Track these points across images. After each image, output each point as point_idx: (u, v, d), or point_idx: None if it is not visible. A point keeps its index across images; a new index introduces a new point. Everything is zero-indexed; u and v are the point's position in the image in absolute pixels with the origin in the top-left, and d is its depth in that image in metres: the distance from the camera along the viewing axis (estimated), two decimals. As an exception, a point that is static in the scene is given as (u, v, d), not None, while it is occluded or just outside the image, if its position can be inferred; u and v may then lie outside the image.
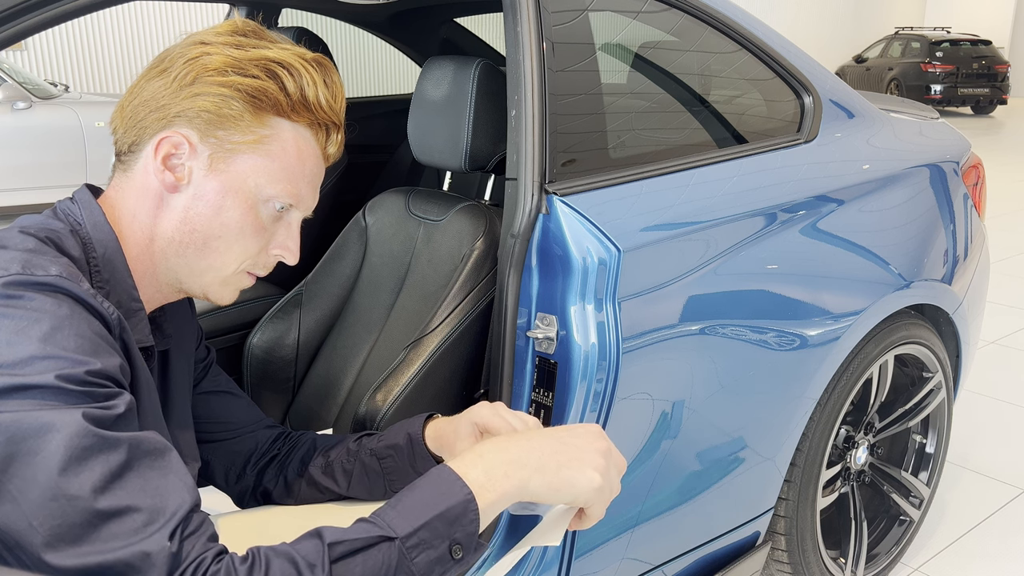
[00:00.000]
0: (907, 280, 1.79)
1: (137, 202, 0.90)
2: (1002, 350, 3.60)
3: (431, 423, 1.13)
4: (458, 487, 0.82)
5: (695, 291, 1.42)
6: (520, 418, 1.05)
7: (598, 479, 0.89)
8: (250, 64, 0.88)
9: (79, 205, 0.90)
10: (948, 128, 2.21)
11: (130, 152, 0.90)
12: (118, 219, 0.91)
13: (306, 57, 0.92)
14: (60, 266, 0.77)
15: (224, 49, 0.88)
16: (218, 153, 0.88)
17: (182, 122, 0.88)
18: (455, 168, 1.52)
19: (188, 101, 0.87)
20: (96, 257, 0.87)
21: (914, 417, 2.01)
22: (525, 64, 1.31)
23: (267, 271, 0.97)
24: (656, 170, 1.48)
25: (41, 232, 0.83)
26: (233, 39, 0.90)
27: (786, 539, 1.75)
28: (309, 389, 1.72)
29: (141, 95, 0.89)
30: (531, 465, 0.87)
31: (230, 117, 0.88)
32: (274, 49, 0.90)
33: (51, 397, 0.70)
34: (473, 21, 2.38)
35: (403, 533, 0.78)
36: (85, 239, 0.87)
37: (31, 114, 5.60)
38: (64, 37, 8.81)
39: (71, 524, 0.68)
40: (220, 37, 0.90)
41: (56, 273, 0.76)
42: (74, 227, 0.88)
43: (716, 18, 1.65)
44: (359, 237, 1.74)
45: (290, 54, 0.90)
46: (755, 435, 1.59)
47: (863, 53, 15.34)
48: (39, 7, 1.02)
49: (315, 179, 0.96)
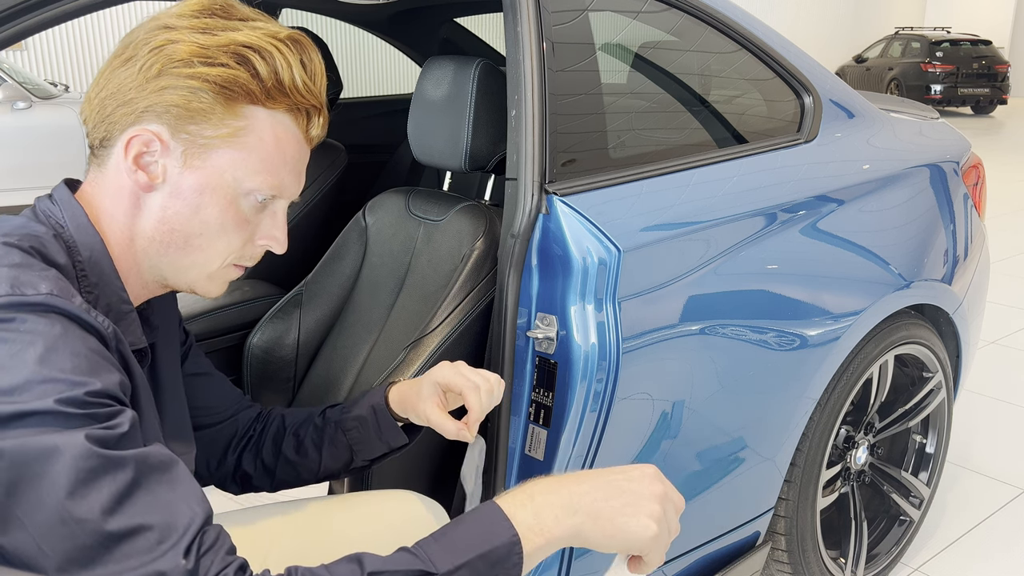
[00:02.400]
0: (907, 280, 1.79)
1: (113, 202, 0.86)
2: (1002, 350, 3.60)
3: (393, 388, 1.14)
4: (504, 528, 0.79)
5: (695, 291, 1.42)
6: (482, 375, 1.05)
7: (654, 527, 0.82)
8: (218, 51, 0.82)
9: (60, 205, 0.85)
10: (948, 128, 2.21)
11: (102, 147, 0.86)
12: (98, 218, 0.86)
13: (279, 36, 0.85)
14: (50, 282, 0.74)
15: (190, 35, 0.82)
16: (192, 149, 0.84)
17: (151, 117, 0.83)
18: (455, 168, 1.52)
19: (155, 95, 0.82)
20: (82, 261, 0.83)
21: (914, 417, 2.00)
22: (525, 64, 1.31)
23: (255, 261, 0.94)
24: (656, 170, 1.48)
25: (25, 241, 0.78)
26: (200, 21, 0.83)
27: (786, 539, 1.75)
28: (309, 389, 1.72)
29: (108, 86, 0.84)
30: (583, 511, 0.81)
31: (201, 111, 0.82)
32: (244, 31, 0.83)
33: (52, 422, 0.68)
34: (473, 21, 2.38)
35: (443, 570, 0.76)
36: (69, 242, 0.83)
37: (31, 114, 5.60)
38: (64, 37, 8.80)
39: (82, 547, 0.67)
40: (185, 20, 0.83)
41: (47, 291, 0.73)
42: (56, 230, 0.83)
43: (716, 18, 1.65)
44: (359, 237, 1.74)
45: (261, 35, 0.84)
46: (755, 435, 1.59)
47: (863, 53, 15.34)
48: (39, 7, 1.02)
49: (298, 165, 0.91)
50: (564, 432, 1.29)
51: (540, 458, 1.32)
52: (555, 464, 1.30)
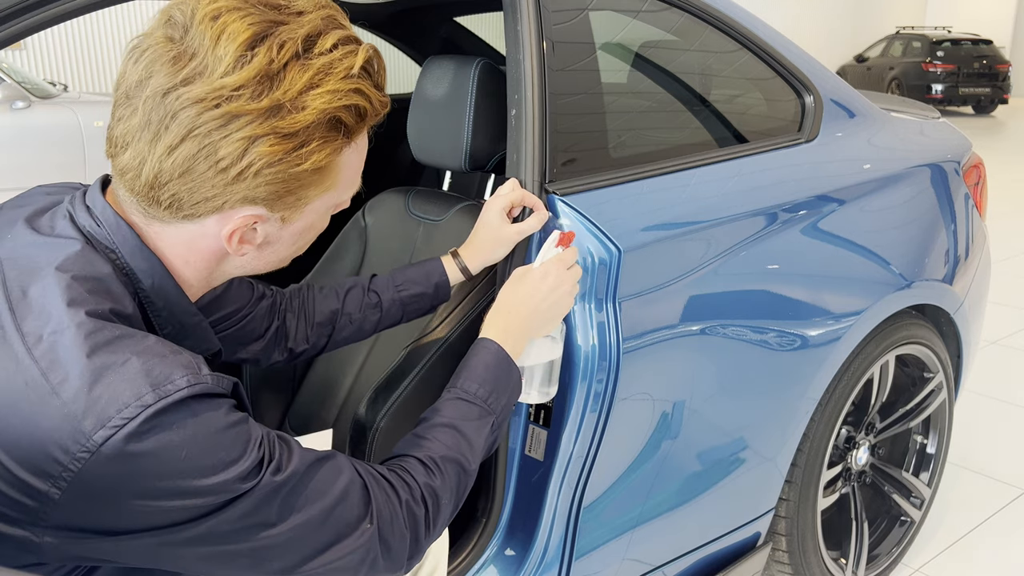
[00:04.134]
0: (908, 280, 1.79)
1: (190, 252, 0.82)
2: (1002, 350, 3.59)
3: (453, 261, 1.31)
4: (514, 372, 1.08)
5: (695, 291, 1.42)
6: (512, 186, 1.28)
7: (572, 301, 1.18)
8: (305, 133, 0.75)
9: (105, 227, 0.79)
10: (949, 128, 2.21)
11: (164, 210, 0.78)
12: (160, 252, 0.81)
13: (354, 71, 0.77)
14: (180, 367, 0.71)
15: (266, 123, 0.73)
16: (290, 212, 0.81)
17: (243, 204, 0.77)
18: (455, 168, 1.52)
19: (249, 191, 0.76)
20: (144, 290, 0.81)
21: (915, 417, 2.00)
22: (525, 63, 1.31)
23: None
24: (656, 170, 1.47)
25: (102, 301, 0.74)
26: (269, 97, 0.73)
27: (787, 540, 1.75)
28: (309, 389, 1.72)
29: (164, 163, 0.74)
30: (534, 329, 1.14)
31: (299, 187, 0.79)
32: (320, 88, 0.74)
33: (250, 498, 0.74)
34: (473, 21, 2.38)
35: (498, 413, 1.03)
36: (126, 270, 0.80)
37: (30, 114, 5.59)
38: (64, 37, 8.81)
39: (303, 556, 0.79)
40: (247, 99, 0.72)
41: (186, 384, 0.70)
42: (110, 258, 0.79)
43: (716, 17, 1.65)
44: (359, 237, 1.73)
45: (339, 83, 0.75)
46: (756, 435, 1.58)
47: (864, 52, 15.34)
48: (39, 7, 1.01)
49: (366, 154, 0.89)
50: (564, 432, 1.29)
51: (540, 458, 1.31)
52: (555, 464, 1.30)
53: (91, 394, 0.67)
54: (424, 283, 1.30)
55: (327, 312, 1.27)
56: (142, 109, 0.74)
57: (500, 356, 1.05)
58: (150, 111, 0.74)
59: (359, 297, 1.29)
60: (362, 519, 0.82)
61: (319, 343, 1.28)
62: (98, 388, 0.67)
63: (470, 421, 0.98)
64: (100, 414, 0.67)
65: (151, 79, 0.74)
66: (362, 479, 0.84)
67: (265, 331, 1.22)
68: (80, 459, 0.66)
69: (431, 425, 0.97)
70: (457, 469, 0.94)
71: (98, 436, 0.66)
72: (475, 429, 0.98)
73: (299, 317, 1.26)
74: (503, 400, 1.03)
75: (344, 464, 0.84)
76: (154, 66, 0.74)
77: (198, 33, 0.73)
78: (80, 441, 0.66)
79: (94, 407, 0.67)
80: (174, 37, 0.74)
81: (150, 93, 0.74)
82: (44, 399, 0.67)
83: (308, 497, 0.78)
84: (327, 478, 0.81)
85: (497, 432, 1.03)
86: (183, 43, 0.74)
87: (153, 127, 0.74)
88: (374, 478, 0.86)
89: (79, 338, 0.69)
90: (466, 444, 0.96)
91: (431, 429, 0.96)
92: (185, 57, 0.73)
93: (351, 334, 1.29)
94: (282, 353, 1.25)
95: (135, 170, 0.76)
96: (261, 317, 1.21)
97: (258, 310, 1.21)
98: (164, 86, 0.73)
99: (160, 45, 0.74)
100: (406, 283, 1.30)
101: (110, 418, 0.67)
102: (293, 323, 1.25)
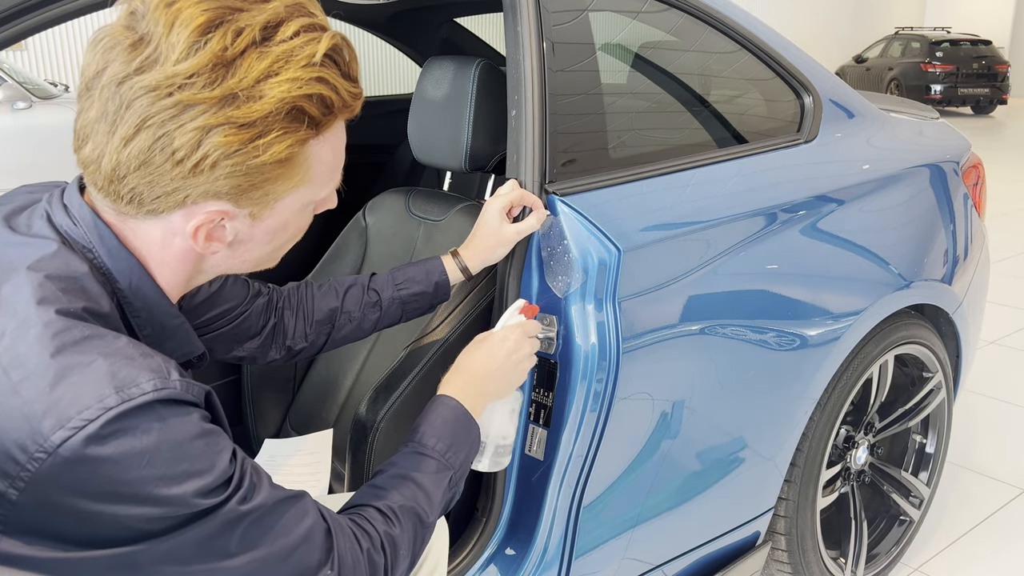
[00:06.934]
0: (907, 280, 1.79)
1: (164, 251, 0.79)
2: (1002, 350, 3.60)
3: (453, 260, 1.31)
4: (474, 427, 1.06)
5: (695, 291, 1.42)
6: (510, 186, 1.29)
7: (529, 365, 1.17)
8: (264, 123, 0.72)
9: (82, 226, 0.78)
10: (948, 128, 2.21)
11: (128, 205, 0.76)
12: (138, 252, 0.79)
13: (316, 59, 0.73)
14: (148, 371, 0.69)
15: (220, 112, 0.70)
16: (259, 208, 0.79)
17: (207, 198, 0.75)
18: (455, 168, 1.52)
19: (209, 184, 0.74)
20: (123, 290, 0.78)
21: (914, 417, 2.00)
22: (525, 64, 1.31)
23: None
24: (656, 170, 1.48)
25: (74, 299, 0.72)
26: (221, 86, 0.70)
27: (786, 539, 1.75)
28: (309, 389, 1.72)
29: (120, 155, 0.72)
30: (490, 393, 1.13)
31: (264, 180, 0.76)
32: (279, 76, 0.72)
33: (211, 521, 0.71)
34: (473, 21, 2.38)
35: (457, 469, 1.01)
36: (103, 270, 0.77)
37: (31, 114, 5.60)
38: (64, 37, 8.81)
39: None
40: (200, 88, 0.70)
41: (152, 388, 0.68)
42: (87, 257, 0.77)
43: (716, 18, 1.65)
44: (359, 237, 1.74)
45: (300, 71, 0.72)
46: (755, 435, 1.59)
47: (863, 53, 15.34)
48: (39, 7, 1.02)
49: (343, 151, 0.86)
50: (564, 432, 1.29)
51: (540, 458, 1.32)
52: (555, 463, 1.30)
53: (52, 394, 0.65)
54: (424, 282, 1.30)
55: (326, 310, 1.27)
56: (98, 100, 0.72)
57: (459, 412, 1.04)
58: (106, 101, 0.72)
59: (359, 295, 1.29)
60: (323, 565, 0.80)
61: (318, 341, 1.28)
62: (60, 388, 0.65)
63: (428, 474, 0.97)
64: (60, 415, 0.64)
65: (107, 68, 0.72)
66: (327, 524, 0.82)
67: (261, 328, 1.22)
68: (37, 459, 0.64)
69: (388, 476, 0.95)
70: (415, 520, 0.92)
71: (56, 437, 0.64)
72: (433, 482, 0.96)
73: (297, 315, 1.26)
74: (461, 455, 1.02)
75: (311, 507, 0.81)
76: (110, 54, 0.72)
77: (153, 20, 0.71)
78: (38, 441, 0.64)
79: (55, 407, 0.64)
80: (132, 25, 0.72)
81: (106, 82, 0.72)
82: (4, 397, 0.65)
83: (271, 534, 0.76)
84: (293, 517, 0.78)
85: (456, 487, 1.01)
86: (139, 31, 0.72)
87: (109, 118, 0.72)
88: (339, 525, 0.84)
89: (45, 337, 0.67)
90: (423, 496, 0.95)
91: (388, 480, 0.95)
92: (141, 45, 0.71)
93: (350, 332, 1.29)
94: (280, 351, 1.25)
95: (95, 163, 0.74)
96: (257, 314, 1.21)
97: (254, 307, 1.20)
98: (119, 75, 0.71)
99: (118, 33, 0.72)
100: (406, 282, 1.30)
101: (69, 419, 0.64)
102: (291, 320, 1.25)
